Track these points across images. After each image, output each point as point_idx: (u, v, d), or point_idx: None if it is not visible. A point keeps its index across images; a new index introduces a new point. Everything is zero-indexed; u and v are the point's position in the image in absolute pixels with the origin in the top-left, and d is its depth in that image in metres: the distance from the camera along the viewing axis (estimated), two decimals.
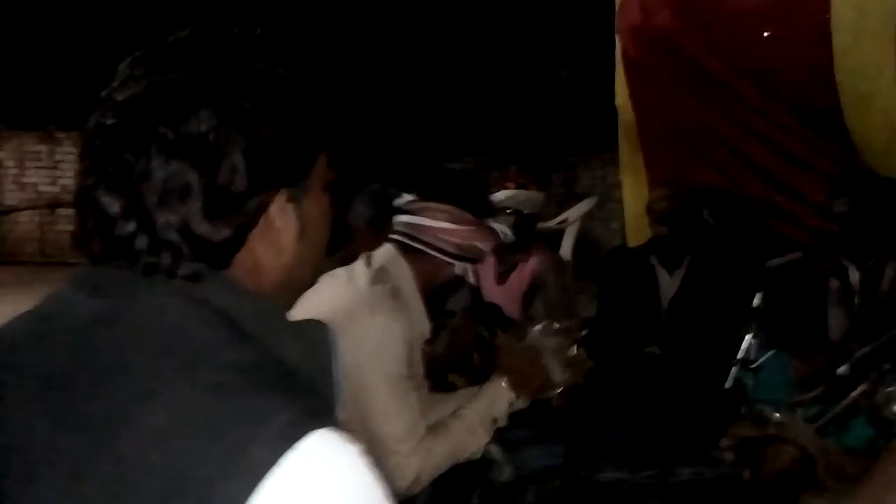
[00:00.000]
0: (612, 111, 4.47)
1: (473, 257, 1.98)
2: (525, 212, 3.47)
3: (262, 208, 0.78)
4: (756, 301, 2.49)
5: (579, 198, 6.81)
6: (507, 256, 3.58)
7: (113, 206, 0.74)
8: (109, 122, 0.76)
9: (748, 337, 2.47)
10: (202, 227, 0.74)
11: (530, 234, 3.55)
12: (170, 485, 0.63)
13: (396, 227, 1.98)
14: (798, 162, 3.54)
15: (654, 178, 4.27)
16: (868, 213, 2.82)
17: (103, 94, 0.78)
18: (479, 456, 2.02)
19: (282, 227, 0.80)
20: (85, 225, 0.77)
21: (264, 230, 0.79)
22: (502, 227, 2.02)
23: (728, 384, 2.47)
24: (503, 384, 1.99)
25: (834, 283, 3.00)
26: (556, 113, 8.01)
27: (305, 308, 1.94)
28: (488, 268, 3.65)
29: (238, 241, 0.77)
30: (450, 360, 2.67)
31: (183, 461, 0.64)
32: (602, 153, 6.65)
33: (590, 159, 8.63)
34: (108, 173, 0.75)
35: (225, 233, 0.76)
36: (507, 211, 3.44)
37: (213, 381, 0.68)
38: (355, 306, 1.83)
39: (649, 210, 3.56)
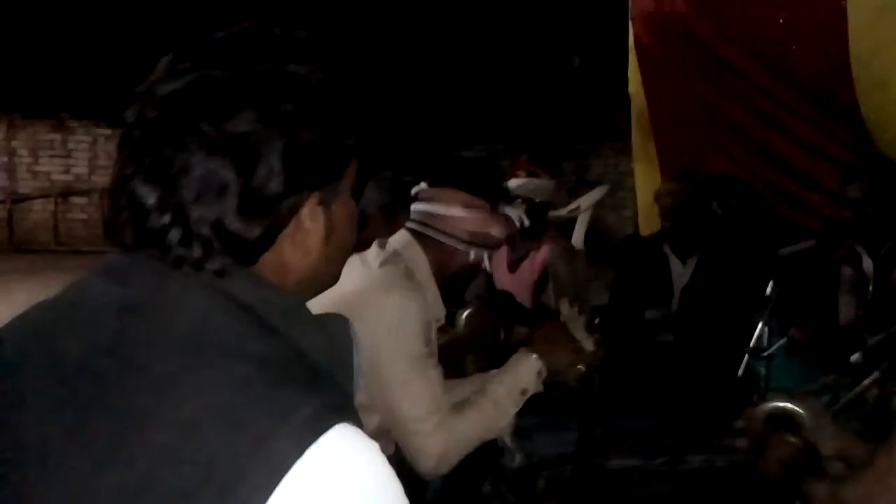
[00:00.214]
0: (625, 99, 4.45)
1: (488, 244, 1.97)
2: (536, 200, 3.46)
3: (295, 210, 0.79)
4: (768, 290, 2.48)
5: (591, 186, 6.77)
6: (519, 245, 3.57)
7: (149, 197, 0.75)
8: (151, 115, 0.77)
9: (760, 325, 2.47)
10: (235, 225, 0.76)
11: (542, 223, 3.54)
12: (194, 475, 0.64)
13: (413, 216, 1.98)
14: (812, 148, 3.52)
15: (667, 165, 4.26)
16: (882, 199, 2.80)
17: (143, 87, 0.79)
18: (509, 431, 1.99)
19: (311, 229, 0.82)
20: (119, 214, 0.78)
21: (294, 231, 0.80)
22: (517, 214, 2.02)
23: (740, 372, 2.46)
24: (530, 356, 1.97)
25: (847, 271, 2.98)
26: (569, 101, 7.97)
27: (321, 295, 1.95)
28: (500, 256, 3.65)
29: (269, 240, 0.79)
30: (467, 348, 2.67)
31: (207, 452, 0.64)
32: (614, 141, 6.63)
33: (602, 147, 8.60)
34: (146, 165, 0.76)
35: (257, 231, 0.77)
36: (519, 199, 3.43)
37: (238, 374, 0.68)
38: (370, 287, 1.83)
39: (656, 203, 3.57)
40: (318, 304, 1.79)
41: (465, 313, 2.58)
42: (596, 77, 6.20)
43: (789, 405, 1.71)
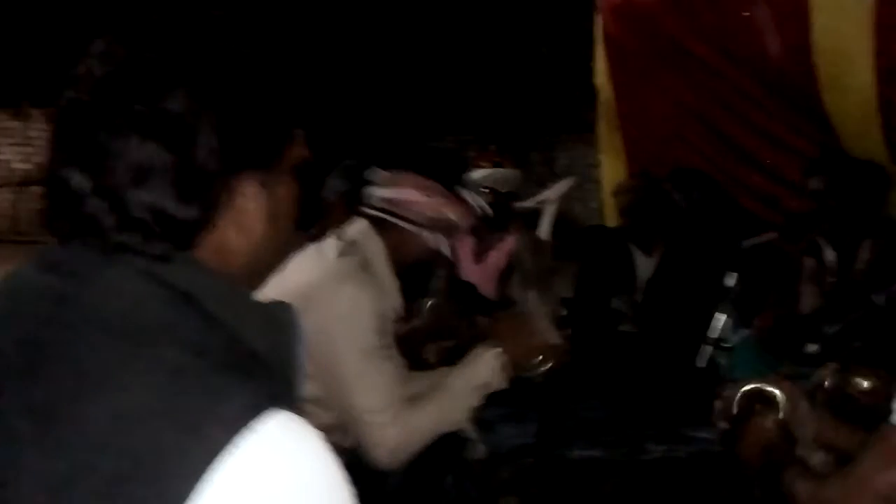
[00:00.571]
0: (592, 90, 4.46)
1: (446, 229, 1.94)
2: (502, 190, 3.45)
3: (233, 190, 0.77)
4: (730, 281, 2.50)
5: (559, 178, 6.79)
6: (485, 235, 3.57)
7: (83, 183, 0.73)
8: (83, 98, 0.75)
9: (722, 316, 2.48)
10: (172, 207, 0.74)
11: (507, 214, 3.54)
12: (125, 463, 0.62)
13: (368, 202, 1.96)
14: (777, 143, 3.56)
15: (632, 158, 4.28)
16: (843, 192, 2.83)
17: (76, 70, 0.77)
18: (453, 434, 2.00)
19: (252, 210, 0.79)
20: (53, 202, 0.76)
21: (234, 212, 0.78)
22: (476, 200, 2.00)
23: (701, 363, 2.48)
24: (488, 353, 1.95)
25: (808, 262, 3.02)
26: (536, 92, 7.99)
27: (275, 285, 1.92)
28: (466, 246, 3.64)
29: (207, 221, 0.76)
30: (428, 339, 2.66)
31: (139, 440, 0.63)
32: (582, 133, 6.64)
33: (570, 139, 8.62)
34: (79, 150, 0.74)
35: (194, 213, 0.75)
36: (484, 190, 3.42)
37: (172, 361, 0.67)
38: (324, 278, 1.81)
39: (615, 200, 3.59)
40: (272, 295, 1.75)
41: (428, 304, 2.57)
42: (563, 68, 6.22)
43: (767, 386, 1.71)
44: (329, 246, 1.89)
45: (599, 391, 2.87)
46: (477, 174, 3.42)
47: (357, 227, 1.94)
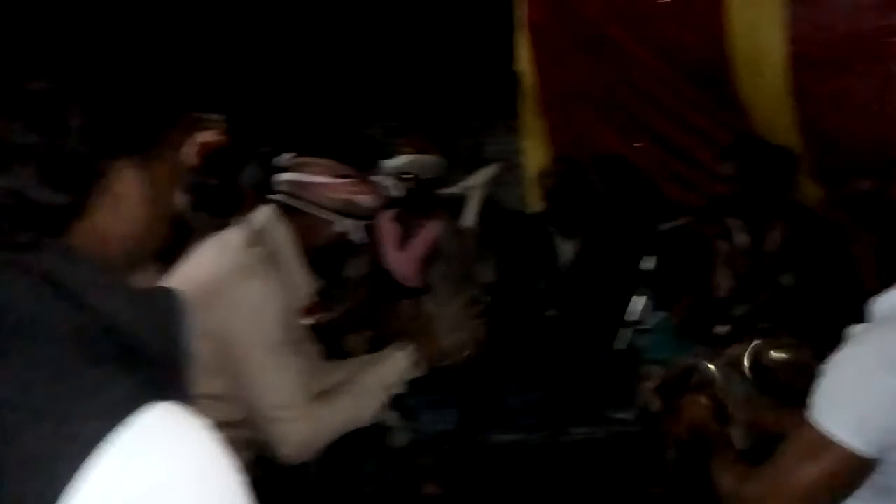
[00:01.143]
0: (515, 76, 4.46)
1: (358, 214, 1.91)
2: (425, 177, 3.44)
3: (105, 174, 0.74)
4: (647, 264, 2.54)
5: (486, 164, 6.81)
6: (408, 222, 3.55)
7: None
8: None
9: (640, 299, 2.52)
10: (39, 193, 0.70)
11: (431, 200, 3.53)
12: None
13: (277, 187, 1.91)
14: (692, 129, 3.62)
15: (556, 143, 4.31)
16: (754, 176, 2.90)
17: None
18: (373, 422, 1.99)
19: (127, 194, 0.77)
20: None
21: (110, 197, 0.75)
22: (388, 182, 1.97)
23: (621, 345, 2.52)
24: (401, 352, 1.95)
25: (721, 245, 3.09)
26: (461, 78, 7.98)
27: (179, 275, 1.87)
28: (388, 233, 3.62)
29: (78, 207, 0.73)
30: (346, 328, 2.63)
31: (9, 440, 0.60)
32: (508, 119, 6.67)
33: (496, 125, 8.65)
34: None
35: (63, 199, 0.72)
36: (407, 176, 3.40)
37: (45, 355, 0.64)
38: (228, 271, 1.76)
39: (539, 184, 3.61)
40: (174, 286, 1.70)
41: (348, 293, 2.54)
42: (487, 54, 6.21)
43: (703, 363, 1.74)
44: (234, 236, 1.84)
45: (521, 376, 2.89)
46: (400, 160, 3.40)
47: (263, 214, 1.90)
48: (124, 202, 0.76)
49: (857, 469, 1.23)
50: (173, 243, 2.18)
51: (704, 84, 3.41)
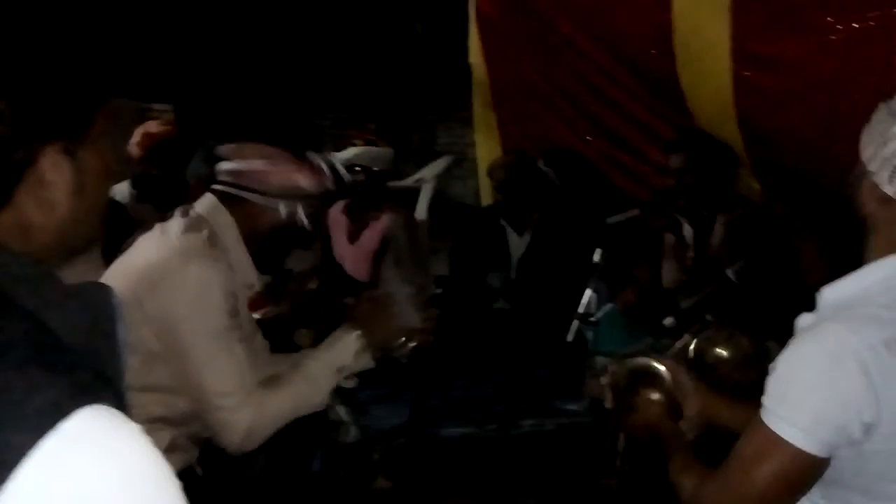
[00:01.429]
0: (468, 69, 4.45)
1: (298, 197, 1.88)
2: (375, 168, 3.41)
3: (29, 161, 0.71)
4: (596, 257, 2.55)
5: (438, 156, 6.80)
6: (359, 214, 3.53)
7: None
8: None
9: (588, 291, 2.53)
10: None
11: (381, 192, 3.51)
12: None
13: (217, 176, 1.88)
14: (639, 124, 3.64)
15: (507, 136, 4.31)
16: (700, 170, 2.94)
17: None
18: (322, 409, 1.95)
19: (54, 182, 0.74)
20: None
21: (34, 185, 0.72)
22: (328, 163, 1.94)
23: (570, 337, 2.52)
24: (348, 335, 1.93)
25: (669, 238, 3.13)
26: (413, 70, 7.94)
27: (120, 266, 1.82)
28: (340, 226, 3.59)
29: (3, 196, 0.71)
30: (295, 322, 2.60)
31: None
32: (460, 112, 6.66)
33: (449, 118, 8.63)
34: None
35: None
36: (357, 168, 3.38)
37: None
38: (167, 258, 1.72)
39: (489, 177, 3.61)
40: (111, 278, 1.65)
41: (296, 287, 2.51)
42: (439, 46, 6.19)
43: (652, 363, 1.75)
44: (173, 224, 1.81)
45: (471, 369, 2.89)
46: (349, 152, 3.37)
47: (204, 203, 1.87)
48: (52, 191, 0.74)
49: (812, 469, 1.23)
50: (118, 237, 2.14)
51: (650, 79, 3.43)
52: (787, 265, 2.69)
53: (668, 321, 1.99)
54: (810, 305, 1.32)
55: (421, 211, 5.09)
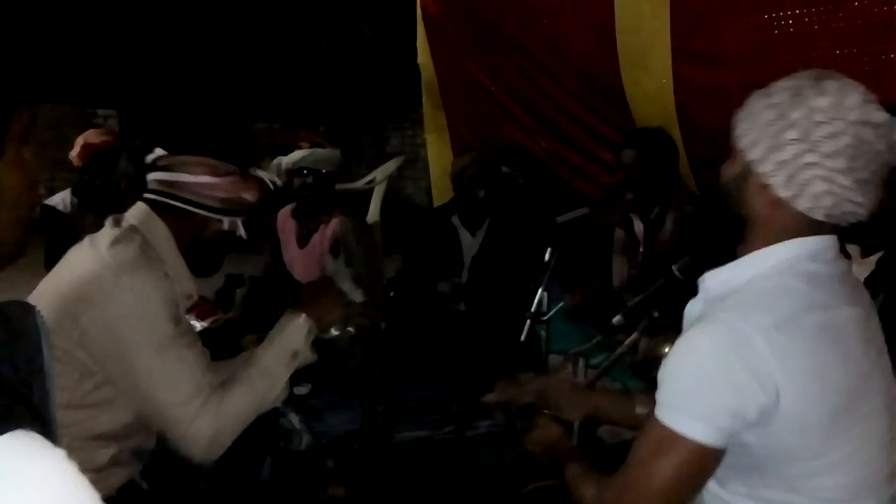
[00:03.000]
0: (418, 70, 4.44)
1: (241, 209, 1.87)
2: (322, 171, 3.38)
3: None
4: (547, 256, 2.56)
5: (390, 158, 6.79)
6: (307, 218, 3.49)
7: None
8: None
9: (540, 290, 2.53)
10: None
11: (331, 195, 3.47)
12: None
13: (150, 186, 1.84)
14: (583, 125, 3.67)
15: (457, 136, 4.31)
16: (651, 166, 2.96)
17: None
18: (284, 398, 1.88)
19: None
20: None
21: None
22: (269, 176, 1.93)
23: (522, 337, 2.52)
24: (296, 316, 1.90)
25: (619, 234, 3.15)
26: (363, 72, 7.91)
27: (50, 282, 1.76)
28: (289, 231, 3.54)
29: None
30: (244, 328, 2.56)
31: None
32: (410, 113, 6.66)
33: (400, 119, 8.63)
34: None
35: None
36: (304, 171, 3.34)
37: None
38: (98, 271, 1.68)
39: (459, 177, 3.56)
40: (41, 294, 1.59)
41: (241, 295, 2.47)
42: (390, 48, 6.18)
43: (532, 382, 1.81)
44: (103, 236, 1.76)
45: (425, 371, 2.87)
46: (295, 155, 3.33)
47: (135, 212, 1.83)
48: None
49: (709, 459, 1.25)
50: (60, 246, 2.07)
51: (592, 80, 3.45)
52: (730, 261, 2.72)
53: (617, 319, 2.00)
54: None
55: (374, 212, 5.06)
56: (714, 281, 1.36)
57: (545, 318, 2.54)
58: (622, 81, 3.15)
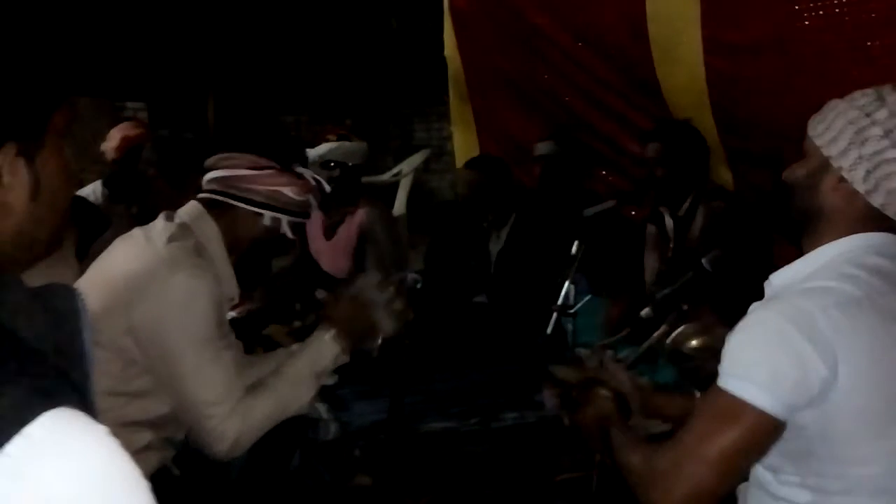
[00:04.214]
0: (444, 62, 4.45)
1: (284, 207, 1.89)
2: (349, 164, 3.40)
3: None
4: (574, 249, 2.56)
5: (416, 151, 6.80)
6: (334, 210, 3.51)
7: None
8: None
9: (567, 283, 2.54)
10: None
11: (357, 187, 3.49)
12: None
13: (204, 186, 1.88)
14: (615, 115, 3.65)
15: (483, 129, 4.31)
16: (678, 160, 2.95)
17: None
18: (304, 412, 1.96)
19: (10, 185, 0.73)
20: None
21: None
22: (313, 174, 1.95)
23: (549, 330, 2.52)
24: (328, 337, 1.93)
25: (651, 229, 3.13)
26: (390, 64, 7.93)
27: (100, 270, 1.80)
28: (315, 222, 3.56)
29: None
30: (270, 317, 2.59)
31: None
32: (436, 105, 6.66)
33: (426, 111, 8.64)
34: None
35: None
36: (332, 164, 3.36)
37: None
38: (154, 266, 1.72)
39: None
40: (91, 282, 1.63)
41: (272, 282, 2.50)
42: (417, 40, 6.18)
43: (592, 362, 1.79)
44: (158, 230, 1.80)
45: (451, 363, 2.88)
46: (322, 148, 3.35)
47: (188, 210, 1.86)
48: (8, 195, 0.73)
49: (770, 430, 1.26)
50: (91, 237, 2.10)
51: (626, 70, 3.43)
52: (762, 255, 2.71)
53: (645, 312, 1.99)
54: None
55: (400, 205, 5.08)
56: (779, 278, 1.40)
57: (572, 311, 2.55)
58: (656, 72, 3.14)
